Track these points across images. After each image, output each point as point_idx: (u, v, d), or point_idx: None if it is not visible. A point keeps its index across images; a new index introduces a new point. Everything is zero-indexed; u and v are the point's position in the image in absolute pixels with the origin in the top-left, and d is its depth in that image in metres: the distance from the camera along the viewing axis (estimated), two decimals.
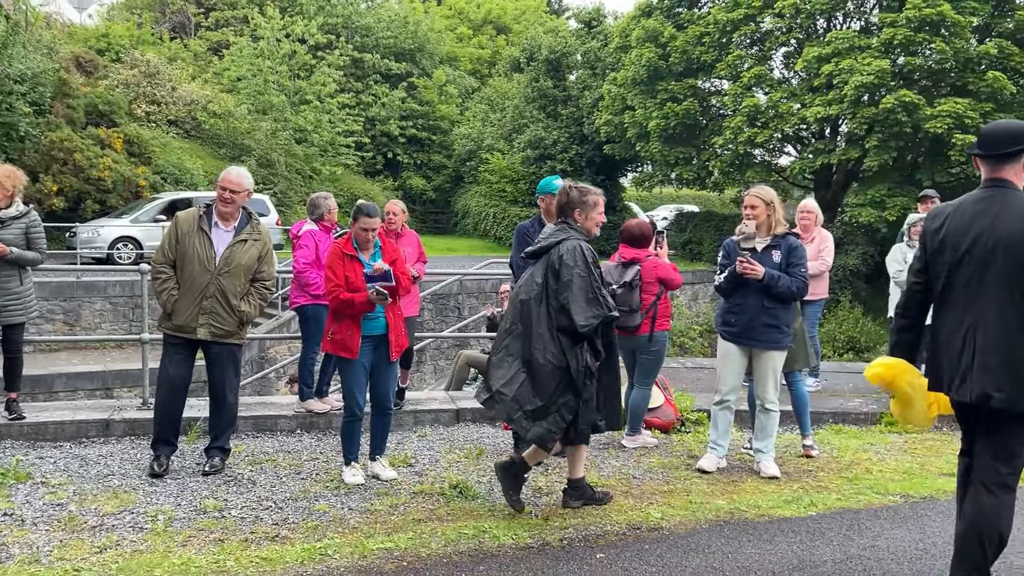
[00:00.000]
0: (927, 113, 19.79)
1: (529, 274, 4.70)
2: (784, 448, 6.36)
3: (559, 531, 4.49)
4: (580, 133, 30.64)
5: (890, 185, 21.46)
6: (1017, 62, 20.37)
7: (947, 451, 6.33)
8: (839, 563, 4.11)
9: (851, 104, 20.50)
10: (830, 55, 20.93)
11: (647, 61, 24.15)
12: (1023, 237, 3.34)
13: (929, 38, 20.24)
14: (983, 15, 21.17)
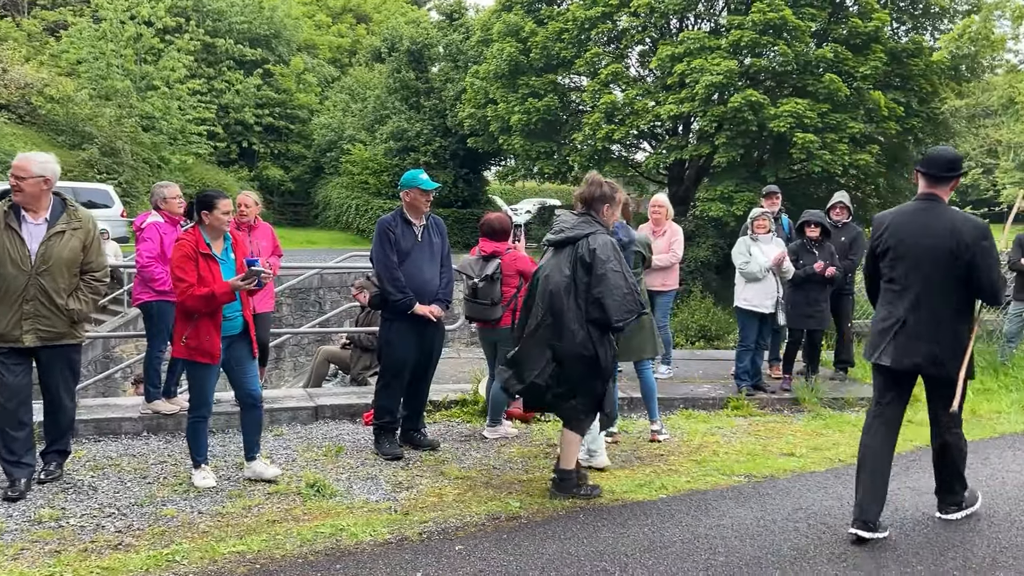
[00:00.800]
0: (771, 112, 20.89)
1: (554, 264, 4.76)
2: (637, 434, 6.58)
3: (419, 525, 4.47)
4: (443, 126, 30.57)
5: (737, 181, 22.53)
6: (850, 66, 21.80)
7: (787, 432, 6.72)
8: (687, 543, 4.29)
9: (702, 102, 21.37)
10: (682, 55, 21.75)
11: (508, 56, 24.36)
12: (946, 243, 4.22)
13: (773, 41, 21.36)
14: (821, 21, 22.54)
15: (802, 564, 4.04)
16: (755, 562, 4.05)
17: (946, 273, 4.25)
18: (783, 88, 23.27)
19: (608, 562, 4.03)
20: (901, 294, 4.36)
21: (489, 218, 6.48)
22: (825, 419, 7.15)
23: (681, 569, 3.96)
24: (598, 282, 4.62)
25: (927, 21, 25.20)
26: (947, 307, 4.29)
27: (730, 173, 22.90)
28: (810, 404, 7.55)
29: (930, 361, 4.28)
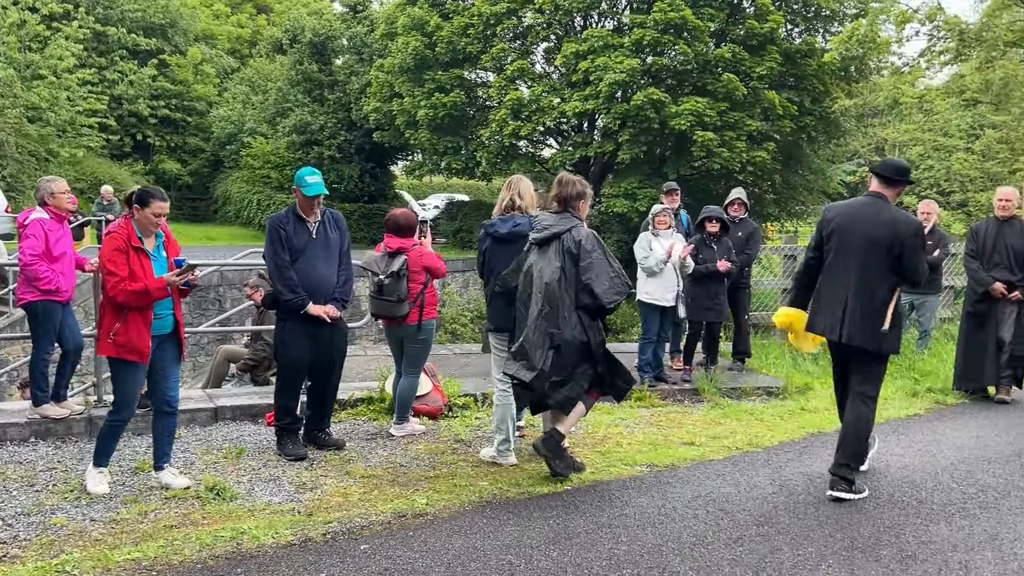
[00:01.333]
0: (672, 111, 21.38)
1: (544, 259, 5.10)
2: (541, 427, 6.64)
3: (323, 526, 4.41)
4: (348, 119, 30.11)
5: (641, 177, 22.99)
6: (748, 66, 22.50)
7: (687, 422, 6.91)
8: (591, 533, 4.36)
9: (606, 100, 21.71)
10: (586, 52, 22.03)
11: (414, 49, 24.18)
12: (881, 233, 4.95)
13: (674, 40, 21.85)
14: (719, 21, 23.19)
15: (701, 550, 4.16)
16: (656, 549, 4.16)
17: (882, 260, 4.98)
18: (684, 87, 23.83)
19: (514, 555, 4.06)
20: (841, 279, 5.06)
21: (394, 214, 6.43)
22: (723, 408, 7.37)
23: (585, 559, 4.02)
24: (586, 270, 5.04)
25: (819, 23, 26.21)
26: (881, 289, 4.99)
27: (634, 170, 23.35)
28: (709, 394, 7.77)
29: (856, 333, 4.98)
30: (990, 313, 7.77)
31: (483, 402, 7.14)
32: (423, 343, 6.32)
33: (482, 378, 7.94)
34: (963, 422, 7.07)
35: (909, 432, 6.69)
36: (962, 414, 7.39)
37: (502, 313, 5.48)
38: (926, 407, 7.64)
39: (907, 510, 4.81)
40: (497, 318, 5.58)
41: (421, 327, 6.23)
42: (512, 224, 5.62)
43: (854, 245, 5.05)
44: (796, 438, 6.46)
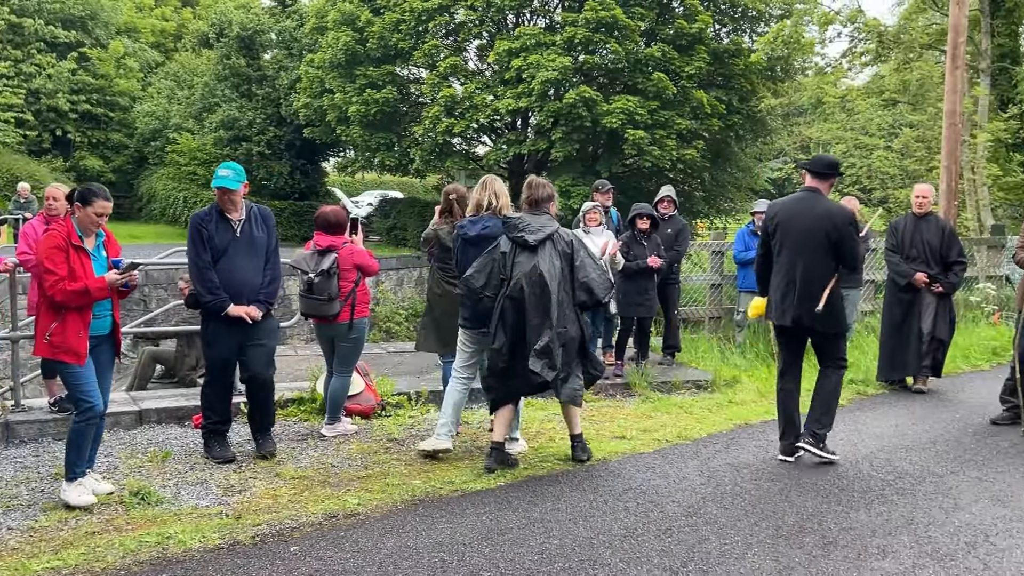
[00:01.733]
0: (604, 109, 21.55)
1: (546, 260, 5.26)
2: (477, 424, 6.66)
3: (251, 528, 4.34)
4: (278, 115, 29.56)
5: (574, 175, 23.12)
6: (677, 65, 22.82)
7: (619, 416, 7.00)
8: (523, 528, 4.39)
9: (539, 98, 21.77)
10: (519, 50, 22.05)
11: (344, 45, 23.87)
12: (818, 224, 5.51)
13: (605, 39, 22.03)
14: (649, 21, 23.46)
15: (631, 542, 4.23)
16: (587, 543, 4.21)
17: (822, 248, 5.54)
18: (615, 85, 24.05)
19: (446, 552, 4.06)
20: (787, 268, 5.61)
21: (324, 211, 6.35)
22: (654, 402, 7.48)
23: (517, 554, 4.05)
24: (580, 269, 5.37)
25: (746, 24, 26.75)
26: (819, 278, 5.52)
27: (567, 167, 23.48)
28: (640, 388, 7.88)
29: (803, 317, 5.52)
30: (911, 306, 8.05)
31: (417, 400, 7.12)
32: (355, 342, 6.27)
33: (416, 376, 7.91)
34: (883, 412, 7.31)
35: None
36: (882, 404, 7.65)
37: (475, 310, 5.53)
38: (848, 398, 7.87)
39: (829, 498, 4.96)
40: (469, 315, 5.62)
41: (353, 326, 6.18)
42: (481, 226, 5.66)
43: (796, 238, 5.58)
44: (724, 430, 6.60)
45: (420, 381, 7.64)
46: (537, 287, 5.22)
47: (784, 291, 5.62)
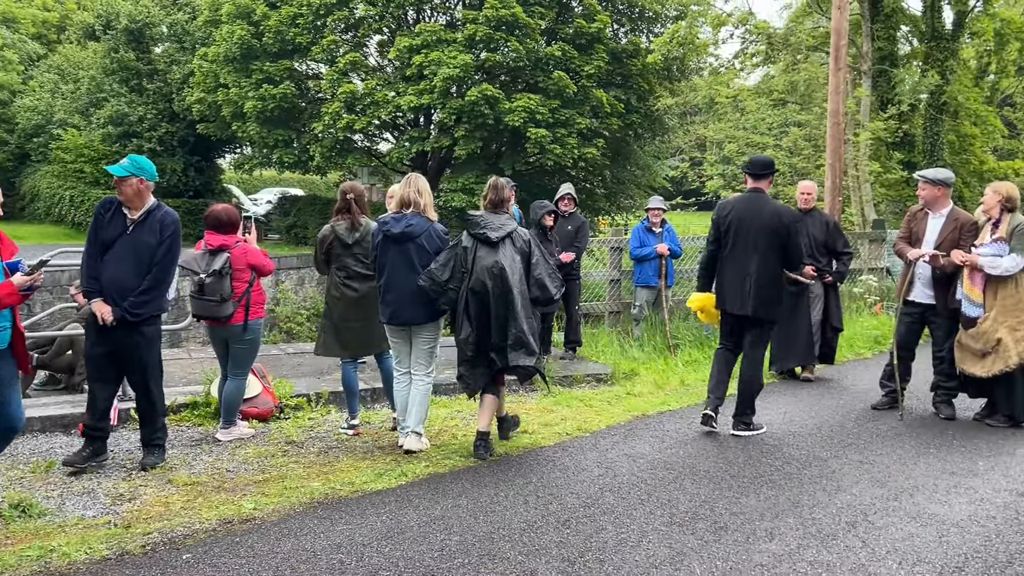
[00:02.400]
0: (506, 107, 21.67)
1: (507, 256, 5.57)
2: (380, 424, 6.61)
3: (142, 537, 4.20)
4: (170, 110, 28.54)
5: (478, 173, 23.16)
6: (577, 64, 23.13)
7: (521, 411, 7.04)
8: (424, 526, 4.39)
9: (441, 95, 21.71)
10: (420, 46, 21.94)
11: (239, 39, 23.23)
12: (769, 223, 6.10)
13: (506, 37, 22.14)
14: (549, 20, 23.70)
15: (530, 534, 4.28)
16: (487, 537, 4.23)
17: (770, 245, 6.10)
18: (517, 83, 24.20)
19: (345, 553, 4.02)
20: (740, 262, 6.15)
21: (215, 209, 6.19)
22: (555, 396, 7.58)
23: (417, 552, 4.04)
24: (536, 266, 5.71)
25: (643, 24, 27.33)
26: (770, 272, 6.14)
27: (471, 165, 23.49)
28: (542, 383, 7.96)
29: (759, 307, 6.11)
30: (800, 298, 8.39)
31: (317, 402, 7.01)
32: (250, 344, 6.13)
33: (316, 377, 7.80)
34: (773, 400, 7.60)
35: (725, 411, 7.10)
36: (772, 393, 7.94)
37: (403, 305, 5.68)
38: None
39: (721, 484, 5.13)
40: (392, 312, 5.72)
41: (247, 327, 6.04)
42: (405, 224, 5.69)
43: (749, 235, 6.15)
44: (622, 421, 6.74)
45: (320, 382, 7.53)
46: (499, 280, 5.51)
47: (740, 284, 6.16)
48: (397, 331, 5.86)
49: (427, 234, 5.75)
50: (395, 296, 5.71)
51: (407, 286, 5.68)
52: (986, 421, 6.72)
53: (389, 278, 5.74)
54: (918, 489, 5.08)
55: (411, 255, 5.72)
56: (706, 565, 3.94)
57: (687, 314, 10.89)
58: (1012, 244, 6.41)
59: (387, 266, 5.75)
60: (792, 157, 20.57)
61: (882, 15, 22.13)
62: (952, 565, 3.98)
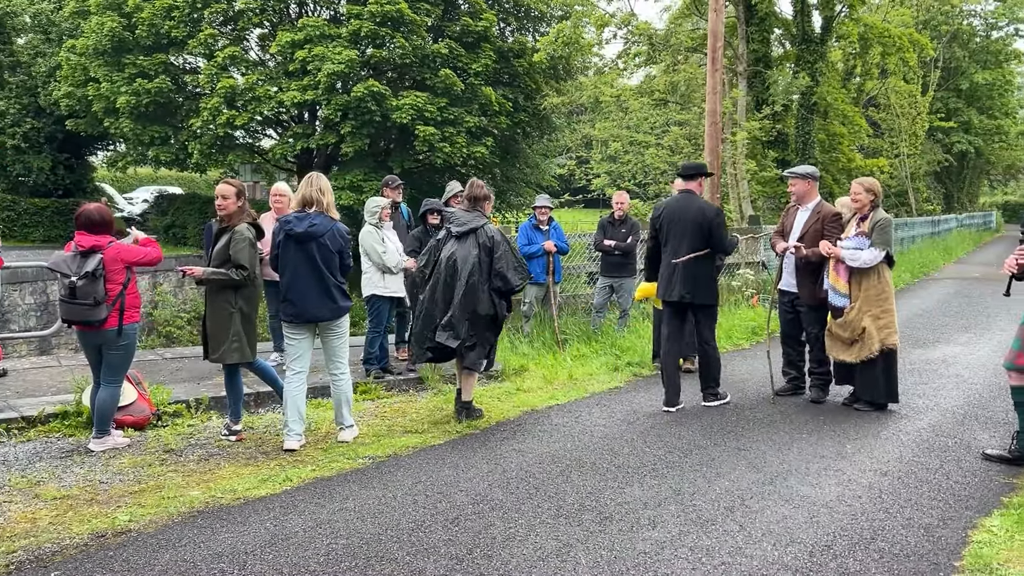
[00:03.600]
0: (393, 104, 21.47)
1: (464, 249, 6.35)
2: (264, 429, 6.45)
3: (5, 556, 3.96)
4: (36, 105, 26.94)
5: (366, 170, 22.86)
6: (464, 62, 23.16)
7: (411, 411, 7.03)
8: (310, 530, 4.31)
9: (325, 91, 21.32)
10: (303, 41, 21.47)
11: (110, 31, 22.14)
12: (696, 217, 6.94)
13: (391, 33, 21.93)
14: (435, 17, 23.61)
15: (419, 534, 4.26)
16: (375, 539, 4.19)
17: (699, 237, 6.92)
18: (404, 81, 24.01)
19: (227, 562, 3.91)
20: (673, 254, 6.95)
21: (88, 209, 5.90)
22: (446, 395, 7.57)
23: (302, 558, 3.96)
24: (498, 260, 6.36)
25: (529, 23, 27.60)
26: (701, 258, 6.93)
27: (358, 162, 23.16)
28: (433, 382, 7.95)
29: (693, 292, 6.90)
30: None
31: (197, 408, 6.78)
32: (125, 349, 5.88)
33: (195, 383, 7.54)
34: (657, 391, 7.79)
35: (611, 404, 7.29)
36: (656, 384, 8.14)
37: (309, 304, 5.80)
38: (626, 380, 8.37)
39: (607, 475, 5.25)
40: (297, 311, 5.82)
41: (122, 332, 5.79)
42: (308, 223, 5.77)
43: (681, 230, 6.97)
44: (511, 417, 6.80)
45: (200, 387, 7.28)
46: (449, 270, 6.33)
47: (671, 273, 6.96)
48: (300, 330, 5.91)
49: (330, 233, 5.88)
50: (299, 295, 5.81)
51: (312, 285, 5.81)
52: (854, 406, 7.10)
53: (292, 277, 5.84)
54: (791, 473, 5.33)
55: (314, 254, 5.82)
56: (591, 555, 4.02)
57: (575, 310, 11.09)
58: (873, 238, 6.80)
59: (289, 265, 5.84)
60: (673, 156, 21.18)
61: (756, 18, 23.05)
62: (822, 544, 4.19)
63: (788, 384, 7.66)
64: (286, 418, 5.91)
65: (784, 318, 7.60)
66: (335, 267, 5.93)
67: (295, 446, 5.81)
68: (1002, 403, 7.04)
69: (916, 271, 20.82)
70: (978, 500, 4.86)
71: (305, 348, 5.99)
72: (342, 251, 5.95)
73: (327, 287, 5.85)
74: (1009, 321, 11.77)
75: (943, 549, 4.14)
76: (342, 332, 6.06)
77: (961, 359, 9.44)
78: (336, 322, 5.98)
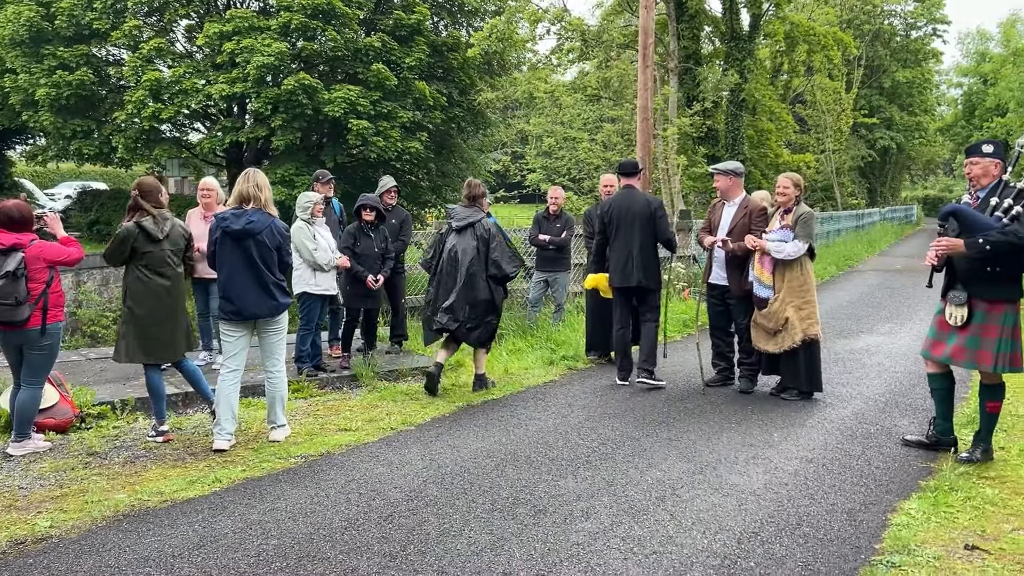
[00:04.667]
0: (325, 97, 21.16)
1: (464, 242, 7.24)
2: (192, 430, 6.32)
3: None
4: None
5: (298, 164, 22.50)
6: (397, 56, 22.96)
7: (345, 408, 6.96)
8: (239, 532, 4.23)
9: (255, 84, 20.90)
10: (231, 33, 21.01)
11: (27, 20, 21.30)
12: (643, 212, 7.58)
13: (323, 26, 21.62)
14: (368, 10, 23.35)
15: (352, 532, 4.23)
16: (307, 539, 4.15)
17: (645, 229, 7.56)
18: (336, 74, 23.69)
19: (153, 567, 3.82)
20: (625, 245, 7.58)
21: (6, 205, 5.69)
22: (381, 392, 7.52)
23: (232, 560, 3.90)
24: (494, 251, 7.21)
25: (463, 18, 27.50)
26: (649, 249, 7.62)
27: (290, 157, 22.78)
28: (367, 379, 7.89)
29: (643, 279, 7.56)
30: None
31: (123, 409, 6.60)
32: (48, 349, 5.70)
33: (121, 384, 7.34)
34: (591, 384, 7.90)
35: (545, 397, 7.34)
36: (590, 376, 8.27)
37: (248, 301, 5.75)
38: (561, 373, 8.43)
39: (541, 468, 5.28)
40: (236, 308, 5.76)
41: (45, 331, 5.62)
42: (246, 220, 5.71)
43: (628, 222, 7.59)
44: (447, 413, 6.80)
45: (126, 388, 7.10)
46: (453, 260, 7.22)
47: (625, 262, 7.57)
48: (238, 327, 5.88)
49: (268, 230, 5.84)
50: (238, 293, 5.77)
51: (250, 282, 5.77)
52: (782, 396, 7.28)
53: (230, 275, 5.80)
54: (721, 462, 5.44)
55: (252, 251, 5.79)
56: (526, 548, 4.04)
57: (510, 304, 11.12)
58: (796, 231, 6.98)
59: (227, 263, 5.79)
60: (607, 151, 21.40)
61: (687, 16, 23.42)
62: (750, 531, 4.30)
63: (718, 375, 7.83)
64: (218, 417, 5.80)
65: (713, 310, 7.76)
66: (273, 264, 5.90)
67: (225, 446, 5.72)
68: (921, 390, 7.31)
69: (841, 263, 21.44)
70: (898, 484, 5.04)
71: (242, 346, 5.94)
72: (281, 247, 5.93)
73: (266, 284, 5.82)
74: (928, 311, 12.21)
75: (864, 533, 4.28)
76: (280, 329, 6.03)
77: (883, 348, 9.76)
78: (275, 319, 5.95)
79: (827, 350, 9.50)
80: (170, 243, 5.87)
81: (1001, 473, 5.22)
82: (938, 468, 5.33)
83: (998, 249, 4.97)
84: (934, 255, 5.33)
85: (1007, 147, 5.50)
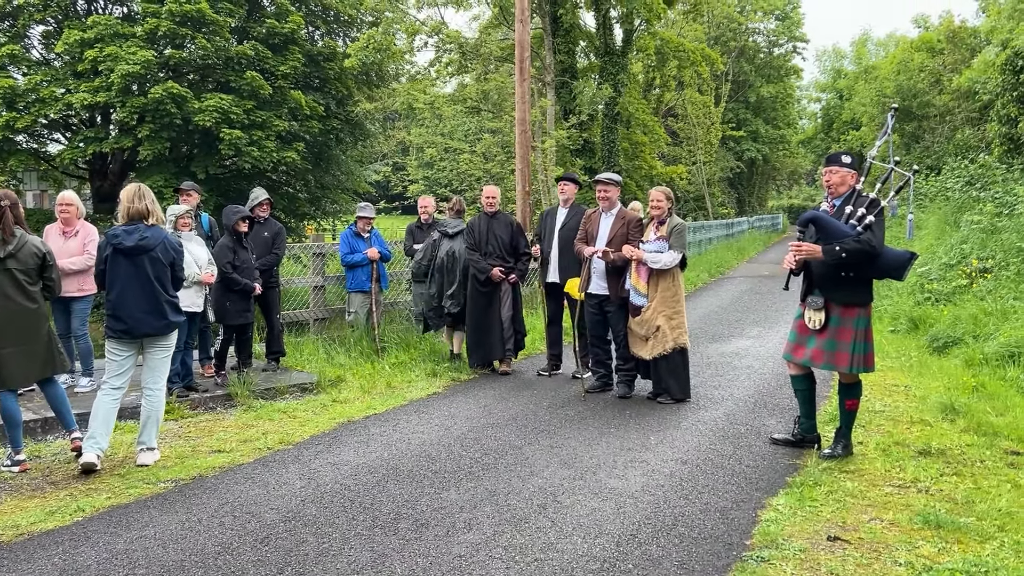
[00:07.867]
0: (196, 106, 20.49)
1: (458, 245, 8.96)
2: (52, 457, 5.95)
3: None
4: None
5: (167, 175, 21.66)
6: (271, 65, 22.46)
7: (218, 429, 6.71)
8: (104, 562, 4.01)
9: (120, 92, 20.03)
10: (93, 40, 20.08)
11: None
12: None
13: (192, 33, 20.93)
14: (239, 18, 22.75)
15: (226, 557, 4.07)
16: (178, 566, 3.97)
17: None
18: (207, 83, 22.98)
19: None
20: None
21: None
22: (257, 410, 7.30)
23: None
24: None
25: (339, 28, 27.19)
26: None
27: (158, 167, 21.91)
28: (243, 398, 7.64)
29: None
30: (491, 297, 8.80)
31: None
32: None
33: None
34: (474, 394, 7.91)
35: (429, 410, 7.30)
36: (473, 388, 8.27)
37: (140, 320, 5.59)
38: (444, 385, 8.40)
39: (423, 482, 5.24)
40: (127, 327, 5.60)
41: None
42: (139, 236, 5.59)
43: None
44: (326, 429, 6.66)
45: None
46: (451, 260, 8.94)
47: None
48: (127, 346, 5.71)
49: (162, 246, 5.71)
50: (129, 311, 5.60)
51: (141, 300, 5.61)
52: (658, 400, 7.49)
53: (121, 293, 5.62)
54: (600, 467, 5.55)
55: (146, 268, 5.63)
56: (407, 564, 4.00)
57: (393, 317, 11.01)
58: (671, 241, 7.22)
59: (118, 281, 5.61)
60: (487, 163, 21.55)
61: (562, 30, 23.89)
62: (628, 533, 4.39)
63: (597, 382, 7.99)
64: (91, 430, 5.50)
65: (592, 319, 7.91)
66: (167, 280, 5.75)
67: (94, 459, 5.43)
68: (787, 391, 7.67)
69: (713, 271, 22.30)
70: (767, 482, 5.26)
71: (129, 365, 5.74)
72: (174, 263, 5.80)
73: (159, 302, 5.66)
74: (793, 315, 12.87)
75: (736, 530, 4.45)
76: (168, 347, 5.87)
77: (752, 351, 10.20)
78: (165, 337, 5.79)
79: (700, 354, 9.86)
80: (17, 263, 5.48)
81: (860, 467, 5.54)
82: (803, 464, 5.61)
83: (853, 257, 5.28)
84: (792, 259, 5.61)
85: (861, 159, 5.87)
